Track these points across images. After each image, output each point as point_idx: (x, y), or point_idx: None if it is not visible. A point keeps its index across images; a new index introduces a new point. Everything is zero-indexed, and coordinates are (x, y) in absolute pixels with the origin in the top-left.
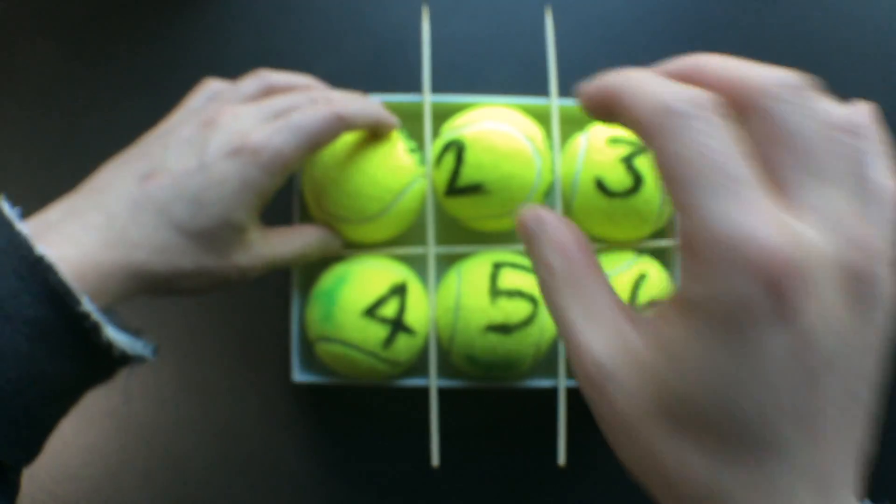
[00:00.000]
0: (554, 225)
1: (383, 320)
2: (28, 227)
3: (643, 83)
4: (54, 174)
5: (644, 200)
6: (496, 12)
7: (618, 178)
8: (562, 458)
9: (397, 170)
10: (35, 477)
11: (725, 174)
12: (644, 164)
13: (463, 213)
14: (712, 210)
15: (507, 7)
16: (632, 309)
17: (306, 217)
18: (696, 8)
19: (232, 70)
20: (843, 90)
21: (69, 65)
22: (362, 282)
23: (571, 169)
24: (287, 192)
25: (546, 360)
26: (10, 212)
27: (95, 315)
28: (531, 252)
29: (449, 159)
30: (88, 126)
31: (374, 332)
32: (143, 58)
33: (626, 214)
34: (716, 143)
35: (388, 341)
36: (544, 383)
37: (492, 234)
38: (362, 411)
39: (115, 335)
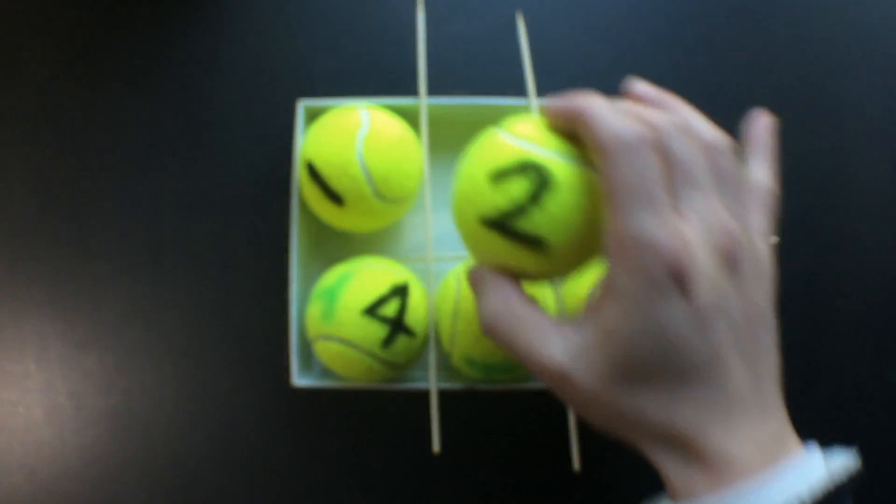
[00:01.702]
0: (492, 276)
1: (383, 319)
2: None
3: (603, 111)
4: (54, 174)
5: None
6: (496, 13)
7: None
8: (576, 464)
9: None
10: (35, 477)
11: (649, 196)
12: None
13: (490, 251)
14: (637, 222)
15: (505, 7)
16: (565, 318)
17: (306, 217)
18: (695, 8)
19: (232, 70)
20: (842, 89)
21: (69, 65)
22: (364, 281)
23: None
24: (287, 191)
25: None
26: None
27: None
28: (476, 299)
29: (519, 186)
30: (88, 126)
31: (374, 331)
32: (143, 58)
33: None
34: (647, 172)
35: (388, 341)
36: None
37: None
38: (362, 412)
39: None
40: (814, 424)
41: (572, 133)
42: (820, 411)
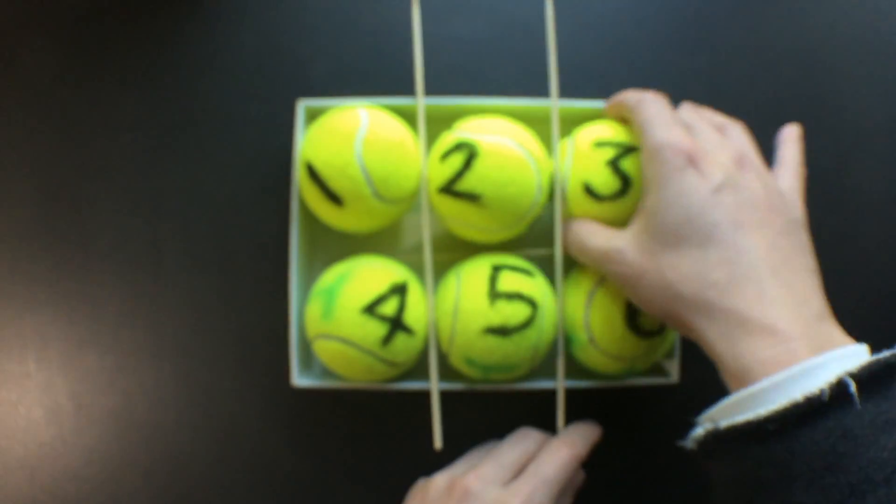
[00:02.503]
0: (574, 220)
1: (382, 318)
2: None
3: (632, 93)
4: (55, 174)
5: (633, 202)
6: (494, 13)
7: (605, 181)
8: None
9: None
10: (35, 477)
11: (668, 121)
12: (631, 165)
13: (448, 214)
14: (660, 133)
15: (505, 7)
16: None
17: (306, 217)
18: (695, 8)
19: (232, 70)
20: (842, 89)
21: (69, 65)
22: (363, 279)
23: (559, 176)
24: (287, 191)
25: (546, 362)
26: None
27: None
28: (565, 237)
29: (457, 159)
30: (88, 126)
31: (373, 330)
32: (143, 58)
33: (616, 217)
34: (665, 109)
35: (387, 339)
36: (544, 384)
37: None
38: (362, 412)
39: None
40: None
41: (622, 117)
42: None
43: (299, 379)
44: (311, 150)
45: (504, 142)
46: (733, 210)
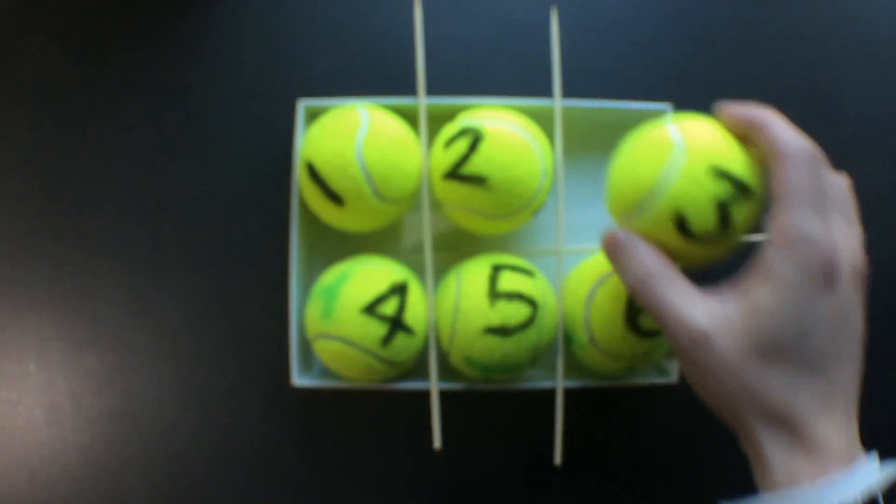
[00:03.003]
0: (639, 240)
1: (382, 318)
2: None
3: (782, 124)
4: (55, 174)
5: (718, 249)
6: (494, 14)
7: (706, 219)
8: (558, 458)
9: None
10: (35, 477)
11: (818, 202)
12: (741, 213)
13: (453, 201)
14: (804, 220)
15: (506, 8)
16: (705, 289)
17: (306, 217)
18: (695, 8)
19: (232, 70)
20: (842, 89)
21: (69, 65)
22: (363, 279)
23: (651, 182)
24: (287, 191)
25: (546, 362)
26: None
27: None
28: (621, 261)
29: (462, 144)
30: (88, 126)
31: (373, 330)
32: (143, 58)
33: (682, 256)
34: (819, 181)
35: (387, 339)
36: (544, 384)
37: (488, 239)
38: (362, 412)
39: None
40: None
41: (743, 136)
42: None
43: (299, 379)
44: (312, 149)
45: (508, 126)
46: (845, 341)
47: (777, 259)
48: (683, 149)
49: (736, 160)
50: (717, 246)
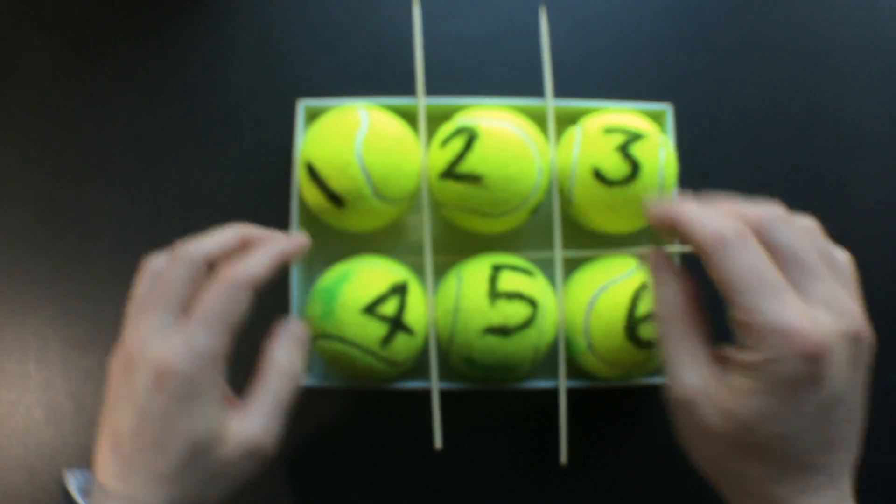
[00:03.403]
0: (674, 273)
1: (382, 318)
2: None
3: (700, 215)
4: (54, 174)
5: (643, 187)
6: (494, 13)
7: (615, 166)
8: (563, 457)
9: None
10: (35, 477)
11: (769, 283)
12: (640, 150)
13: (450, 201)
14: (764, 309)
15: (504, 8)
16: (719, 355)
17: (306, 217)
18: (695, 8)
19: (232, 70)
20: (842, 89)
21: (69, 65)
22: (363, 280)
23: (568, 161)
24: (287, 191)
25: (546, 362)
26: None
27: None
28: (654, 284)
29: (457, 143)
30: (88, 126)
31: (374, 330)
32: (143, 58)
33: (626, 202)
34: (758, 262)
35: (387, 339)
36: (545, 384)
37: (489, 239)
38: (362, 412)
39: None
40: None
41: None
42: None
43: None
44: (312, 149)
45: (503, 125)
46: (836, 430)
47: (749, 352)
48: (582, 127)
49: (622, 119)
50: (635, 186)
